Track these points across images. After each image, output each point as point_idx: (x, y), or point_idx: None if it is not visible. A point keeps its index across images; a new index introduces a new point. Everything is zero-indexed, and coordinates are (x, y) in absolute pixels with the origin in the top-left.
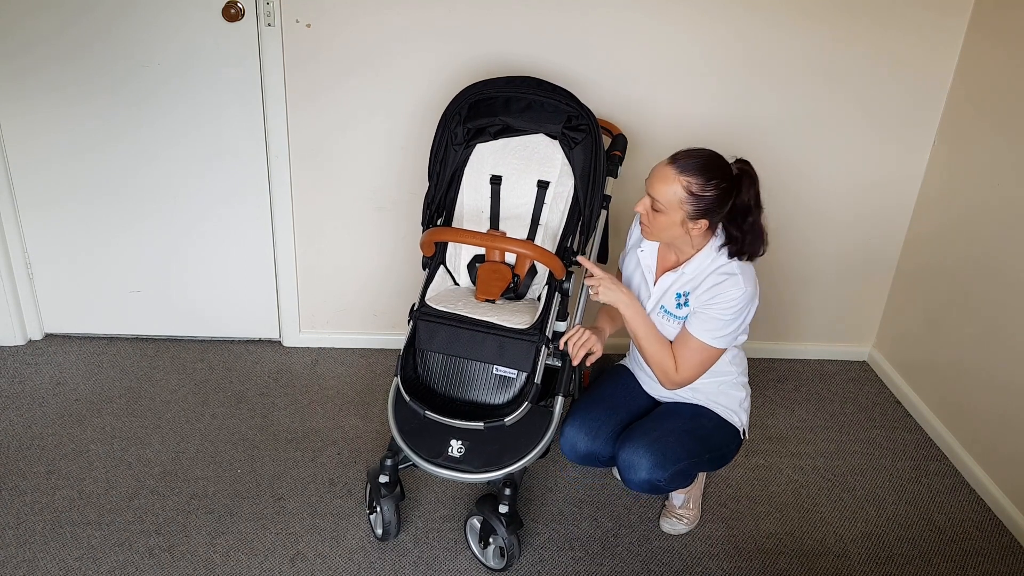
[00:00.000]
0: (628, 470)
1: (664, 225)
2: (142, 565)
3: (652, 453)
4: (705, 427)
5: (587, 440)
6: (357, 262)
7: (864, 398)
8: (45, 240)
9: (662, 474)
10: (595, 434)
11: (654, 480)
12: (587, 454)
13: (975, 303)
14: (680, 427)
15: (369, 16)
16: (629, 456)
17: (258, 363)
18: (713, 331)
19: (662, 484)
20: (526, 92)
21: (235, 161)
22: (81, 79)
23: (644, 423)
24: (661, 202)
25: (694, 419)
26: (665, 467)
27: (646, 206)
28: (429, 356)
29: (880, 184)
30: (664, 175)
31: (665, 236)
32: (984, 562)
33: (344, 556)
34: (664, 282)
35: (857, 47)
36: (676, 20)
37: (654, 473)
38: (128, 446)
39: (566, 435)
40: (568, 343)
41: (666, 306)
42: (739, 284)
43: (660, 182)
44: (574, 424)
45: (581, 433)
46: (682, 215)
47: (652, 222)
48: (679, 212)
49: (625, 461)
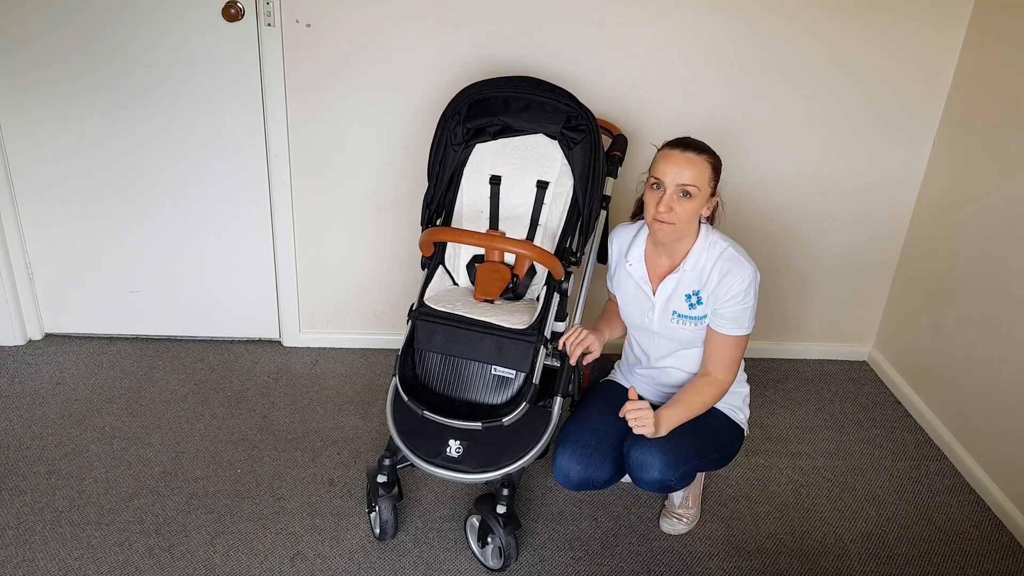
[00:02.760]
0: (640, 469)
1: (693, 211)
2: (142, 565)
3: (664, 452)
4: (712, 426)
5: (580, 468)
6: (357, 262)
7: (864, 398)
8: (45, 240)
9: (673, 473)
10: (587, 461)
11: (666, 479)
12: (581, 481)
13: (975, 303)
14: (689, 426)
15: (369, 16)
16: (641, 455)
17: (258, 363)
18: (740, 321)
19: (673, 483)
20: (525, 92)
21: (235, 161)
22: (81, 79)
23: None
24: (695, 184)
25: (701, 419)
26: (676, 466)
27: (670, 201)
28: (428, 356)
29: (880, 184)
30: (688, 159)
31: (687, 227)
32: (984, 562)
33: (344, 556)
34: (666, 287)
35: (857, 47)
36: (676, 20)
37: (666, 473)
38: (128, 446)
39: (558, 464)
40: (566, 342)
41: (678, 311)
42: (744, 265)
43: (688, 166)
44: (565, 453)
45: (573, 462)
46: (707, 193)
47: (680, 211)
48: (707, 190)
49: (637, 460)
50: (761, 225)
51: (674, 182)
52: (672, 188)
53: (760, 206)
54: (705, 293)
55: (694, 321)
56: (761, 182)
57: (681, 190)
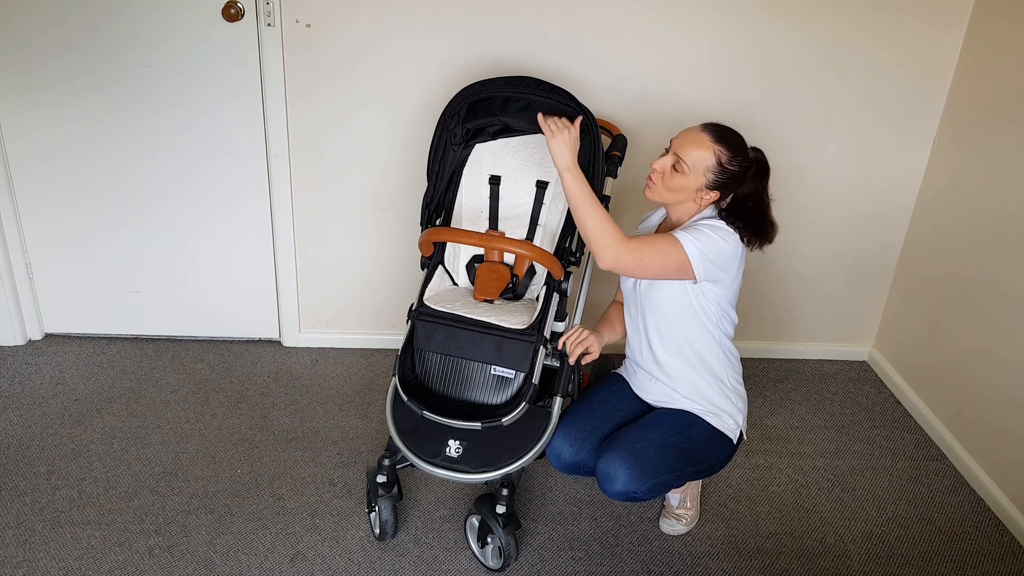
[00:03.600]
0: (604, 480)
1: (679, 186)
2: (142, 565)
3: (629, 466)
4: (694, 438)
5: (572, 450)
6: (357, 262)
7: (864, 398)
8: (45, 240)
9: (639, 487)
10: (580, 444)
11: (630, 492)
12: (571, 464)
13: (975, 303)
14: (664, 440)
15: (369, 16)
16: (606, 467)
17: (258, 363)
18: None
19: (640, 496)
20: (525, 92)
21: (235, 161)
22: (81, 79)
23: (628, 432)
24: (688, 164)
25: (682, 431)
26: (643, 480)
27: (665, 165)
28: (427, 356)
29: (880, 183)
30: (699, 139)
31: (671, 197)
32: (984, 562)
33: (344, 556)
34: None
35: (859, 45)
36: (676, 20)
37: (630, 485)
38: (128, 446)
39: (552, 444)
40: (565, 341)
41: None
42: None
43: (693, 146)
44: (560, 434)
45: (566, 443)
46: (702, 182)
47: (667, 181)
48: (701, 179)
49: (602, 471)
50: None
51: (675, 151)
52: (671, 156)
53: None
54: None
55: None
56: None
57: (676, 160)
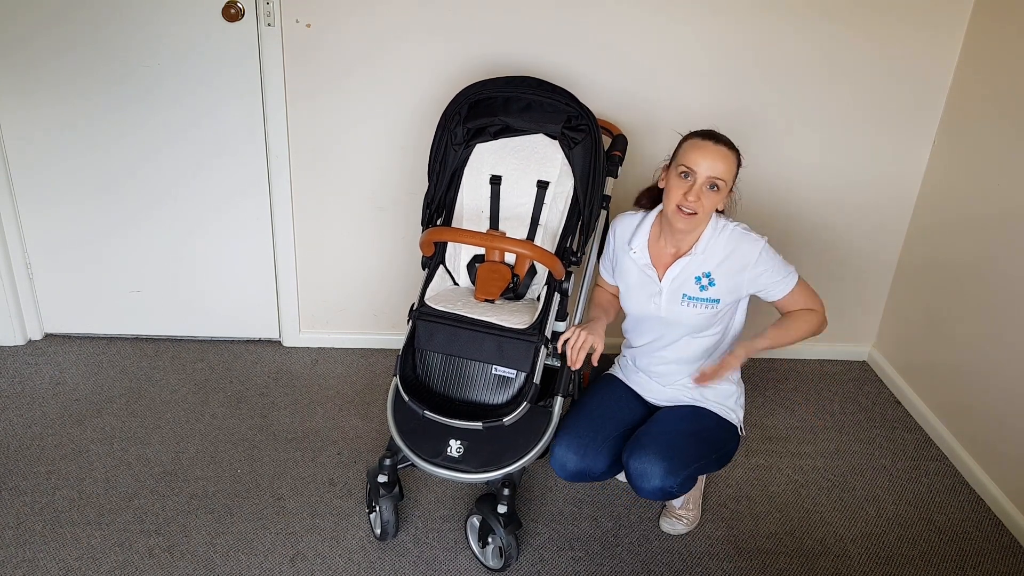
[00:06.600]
0: (640, 478)
1: (715, 203)
2: (142, 565)
3: (663, 459)
4: (708, 427)
5: (576, 458)
6: (357, 262)
7: (864, 398)
8: (45, 240)
9: (674, 480)
10: (584, 452)
11: (667, 487)
12: (577, 472)
13: (975, 303)
14: (686, 429)
15: (369, 16)
16: (640, 465)
17: (258, 363)
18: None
19: (675, 490)
20: (526, 92)
21: (235, 161)
22: (81, 79)
23: (650, 429)
24: (724, 179)
25: (697, 420)
26: (677, 473)
27: (699, 192)
28: (428, 356)
29: (880, 182)
30: (721, 152)
31: (707, 218)
32: (984, 562)
33: (344, 556)
34: (673, 271)
35: (858, 45)
36: (677, 20)
37: (667, 480)
38: (128, 446)
39: (555, 454)
40: (565, 347)
41: (688, 293)
42: (750, 238)
43: (721, 160)
44: (562, 442)
45: (570, 451)
46: (730, 187)
47: (707, 203)
48: (730, 185)
49: (637, 470)
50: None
51: (707, 174)
52: (703, 179)
53: (760, 207)
54: (716, 272)
55: (705, 303)
56: (760, 182)
57: (711, 182)
